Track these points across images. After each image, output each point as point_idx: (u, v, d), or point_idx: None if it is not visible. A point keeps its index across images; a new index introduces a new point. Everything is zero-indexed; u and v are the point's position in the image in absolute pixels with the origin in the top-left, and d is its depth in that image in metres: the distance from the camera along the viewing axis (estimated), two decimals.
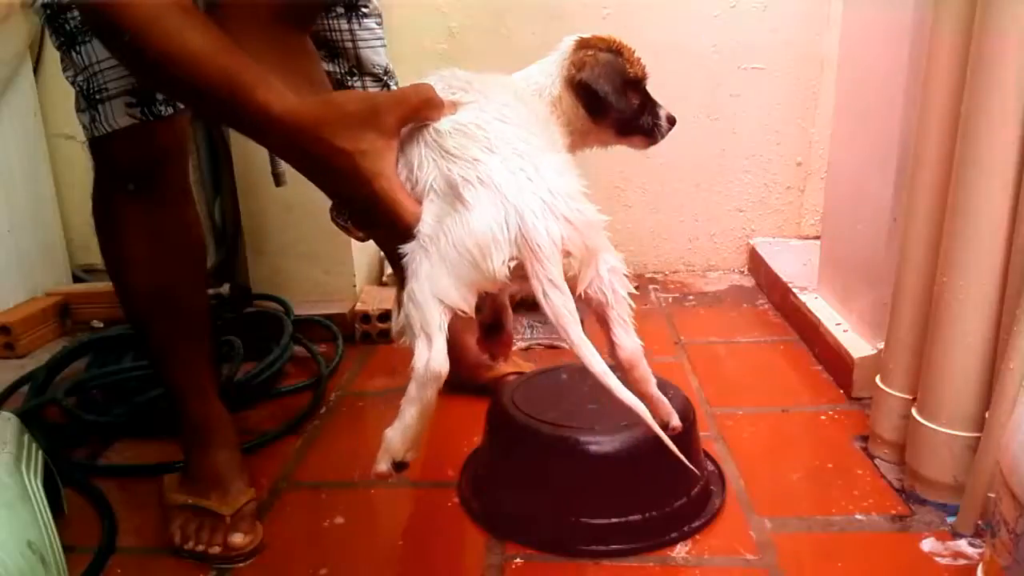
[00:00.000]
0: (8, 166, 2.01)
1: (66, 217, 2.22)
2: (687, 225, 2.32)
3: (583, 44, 0.94)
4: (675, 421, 0.87)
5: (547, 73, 0.93)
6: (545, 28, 2.18)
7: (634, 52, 0.96)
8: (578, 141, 0.94)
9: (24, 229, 2.05)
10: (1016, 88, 0.96)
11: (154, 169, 1.08)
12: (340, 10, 1.23)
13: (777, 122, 2.22)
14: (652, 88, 0.99)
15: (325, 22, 1.24)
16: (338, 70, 1.25)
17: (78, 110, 1.05)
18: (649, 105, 0.97)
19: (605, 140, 0.97)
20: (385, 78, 1.31)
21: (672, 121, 0.97)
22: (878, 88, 1.44)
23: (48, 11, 1.00)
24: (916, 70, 1.21)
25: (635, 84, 0.95)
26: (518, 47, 2.19)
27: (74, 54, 1.00)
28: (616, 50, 0.95)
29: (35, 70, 2.14)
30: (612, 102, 0.91)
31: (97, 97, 1.01)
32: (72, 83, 1.03)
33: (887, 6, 1.40)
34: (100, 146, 1.05)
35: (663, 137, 0.97)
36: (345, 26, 1.25)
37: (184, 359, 1.16)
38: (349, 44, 1.26)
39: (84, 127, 1.05)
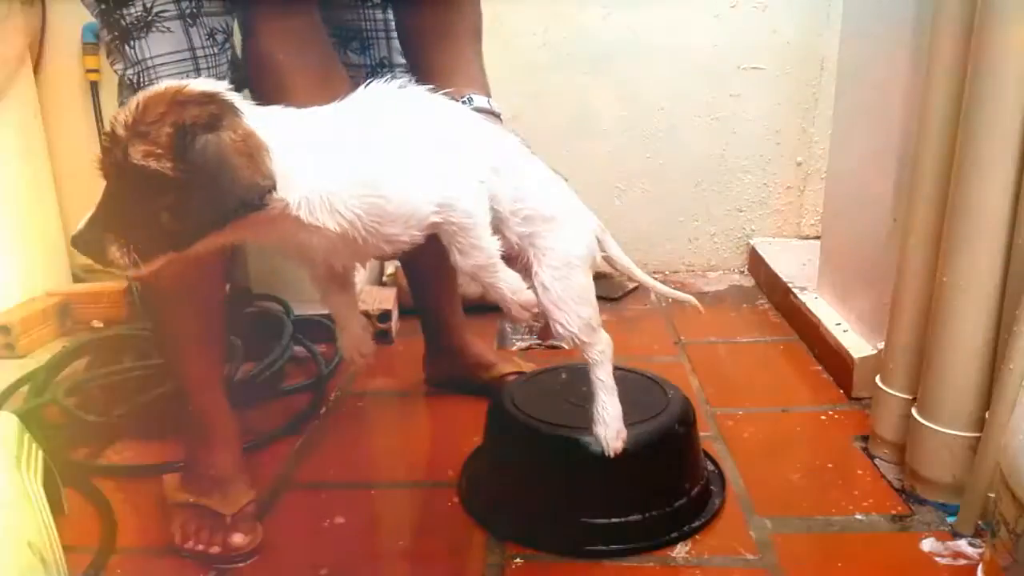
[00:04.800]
0: (8, 166, 2.01)
1: (66, 217, 2.22)
2: (687, 225, 2.33)
3: None
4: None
5: None
6: (545, 28, 2.18)
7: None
8: None
9: (24, 229, 2.05)
10: (1016, 88, 0.96)
11: None
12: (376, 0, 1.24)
13: (777, 122, 2.22)
14: (653, 87, 1.00)
15: (360, 12, 1.25)
16: (369, 61, 1.26)
17: (122, 103, 1.07)
18: None
19: None
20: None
21: None
22: (878, 88, 1.44)
23: (103, 5, 1.02)
24: (916, 70, 1.21)
25: None
26: (518, 47, 2.19)
27: (127, 48, 1.03)
28: None
29: (35, 70, 2.14)
30: None
31: None
32: (121, 76, 1.06)
33: (887, 6, 1.40)
34: None
35: None
36: (380, 16, 1.27)
37: (198, 353, 1.16)
38: (383, 35, 1.28)
39: None
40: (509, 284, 0.90)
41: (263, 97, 1.00)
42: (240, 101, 0.77)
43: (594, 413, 1.03)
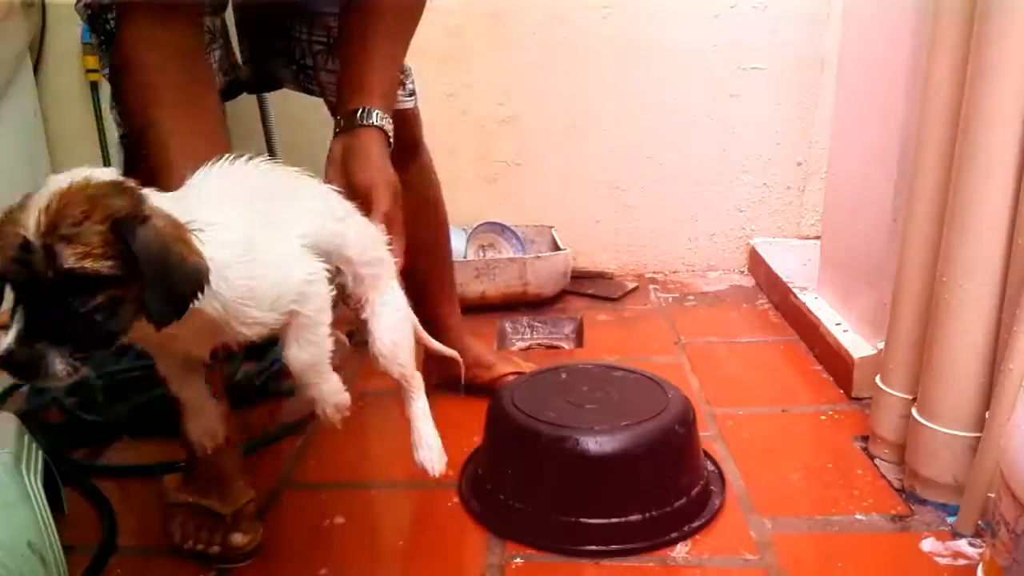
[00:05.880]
0: (8, 166, 2.01)
1: None
2: (687, 225, 2.32)
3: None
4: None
5: None
6: (545, 28, 2.18)
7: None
8: None
9: None
10: (1016, 88, 0.96)
11: None
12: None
13: (777, 122, 2.22)
14: (653, 88, 0.99)
15: None
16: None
17: (113, 107, 1.10)
18: None
19: None
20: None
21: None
22: (878, 88, 1.44)
23: (89, 11, 1.04)
24: (916, 70, 1.21)
25: None
26: (518, 47, 2.19)
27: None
28: None
29: (35, 70, 2.14)
30: None
31: None
32: (109, 80, 1.07)
33: (887, 6, 1.40)
34: (132, 144, 1.07)
35: None
36: None
37: None
38: None
39: (117, 124, 1.09)
40: (332, 385, 0.90)
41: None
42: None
43: (417, 440, 1.04)
